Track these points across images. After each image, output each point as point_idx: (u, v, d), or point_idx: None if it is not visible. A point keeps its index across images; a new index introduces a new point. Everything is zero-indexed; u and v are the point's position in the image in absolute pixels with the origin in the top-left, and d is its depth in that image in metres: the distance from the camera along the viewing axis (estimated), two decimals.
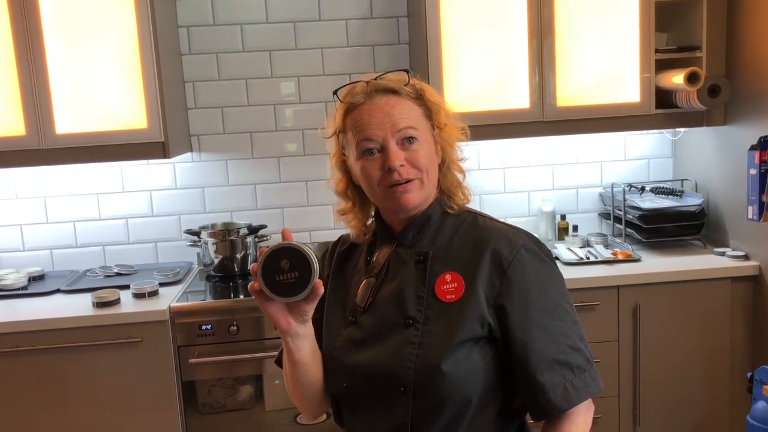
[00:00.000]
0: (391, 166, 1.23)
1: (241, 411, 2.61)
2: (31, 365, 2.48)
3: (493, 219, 1.33)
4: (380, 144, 1.24)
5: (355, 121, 1.26)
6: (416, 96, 1.28)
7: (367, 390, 1.27)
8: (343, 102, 1.29)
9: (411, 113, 1.26)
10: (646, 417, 2.68)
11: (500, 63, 2.71)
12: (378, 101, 1.25)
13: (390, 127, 1.23)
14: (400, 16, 3.06)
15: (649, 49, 2.72)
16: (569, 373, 1.22)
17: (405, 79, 1.28)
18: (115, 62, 2.61)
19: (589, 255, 2.82)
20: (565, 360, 1.22)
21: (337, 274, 1.41)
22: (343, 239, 1.47)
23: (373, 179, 1.26)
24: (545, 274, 1.26)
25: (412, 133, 1.24)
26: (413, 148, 1.25)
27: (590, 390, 1.23)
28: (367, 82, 1.27)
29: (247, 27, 3.02)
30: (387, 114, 1.24)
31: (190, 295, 2.68)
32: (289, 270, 1.14)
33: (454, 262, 1.26)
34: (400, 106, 1.25)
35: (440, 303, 1.23)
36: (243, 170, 3.10)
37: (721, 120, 2.79)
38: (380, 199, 1.29)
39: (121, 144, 2.65)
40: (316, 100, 3.08)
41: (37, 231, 3.04)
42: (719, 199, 2.88)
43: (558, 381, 1.21)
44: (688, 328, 2.65)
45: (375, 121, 1.24)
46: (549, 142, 3.13)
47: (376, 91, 1.26)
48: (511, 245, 1.25)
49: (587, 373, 1.24)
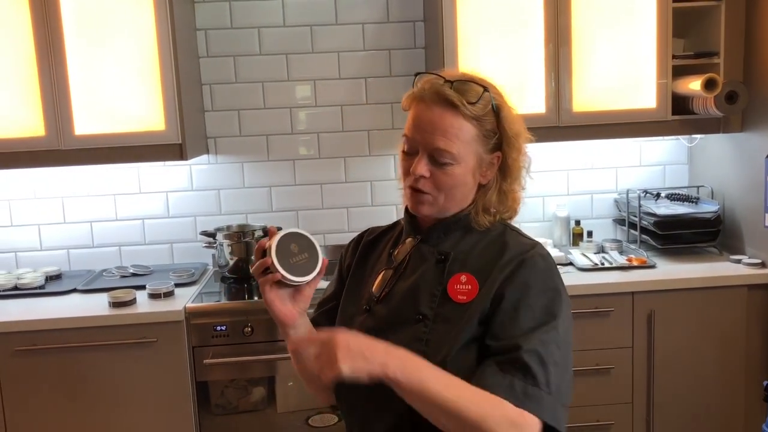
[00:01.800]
0: (414, 172, 1.25)
1: (253, 412, 2.62)
2: (47, 364, 2.50)
3: (520, 233, 1.33)
4: (415, 149, 1.26)
5: (411, 113, 1.28)
6: (482, 115, 1.25)
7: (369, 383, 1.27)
8: (413, 89, 1.29)
9: (458, 134, 1.23)
10: (660, 425, 2.66)
11: (516, 68, 2.71)
12: (434, 110, 1.23)
13: (429, 140, 1.23)
14: (416, 20, 3.07)
15: (667, 55, 2.71)
16: (521, 374, 1.13)
17: (473, 98, 1.23)
18: (134, 64, 2.63)
19: (603, 261, 2.81)
20: (518, 358, 1.14)
21: (360, 264, 1.43)
22: (370, 230, 1.48)
23: (402, 175, 1.29)
24: (551, 284, 1.23)
25: (444, 158, 1.23)
26: (443, 170, 1.24)
27: (533, 406, 1.12)
28: (441, 83, 1.25)
29: (264, 30, 3.04)
30: (433, 126, 1.23)
31: (205, 296, 2.69)
32: (299, 252, 1.20)
33: (473, 266, 1.26)
34: (449, 123, 1.22)
35: (451, 303, 1.24)
36: (258, 173, 3.12)
37: (738, 127, 2.77)
38: (404, 194, 1.31)
39: (138, 145, 2.68)
40: (331, 104, 3.09)
41: (55, 231, 3.07)
42: (735, 206, 2.86)
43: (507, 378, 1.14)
44: (703, 335, 2.63)
45: (420, 127, 1.25)
46: (564, 148, 3.12)
47: (438, 96, 1.23)
48: (523, 253, 1.25)
49: (540, 392, 1.13)
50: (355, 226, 3.12)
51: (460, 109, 1.23)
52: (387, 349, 1.11)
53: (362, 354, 1.08)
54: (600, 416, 2.65)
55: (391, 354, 1.11)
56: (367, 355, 1.08)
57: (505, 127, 1.29)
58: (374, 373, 1.09)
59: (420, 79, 1.29)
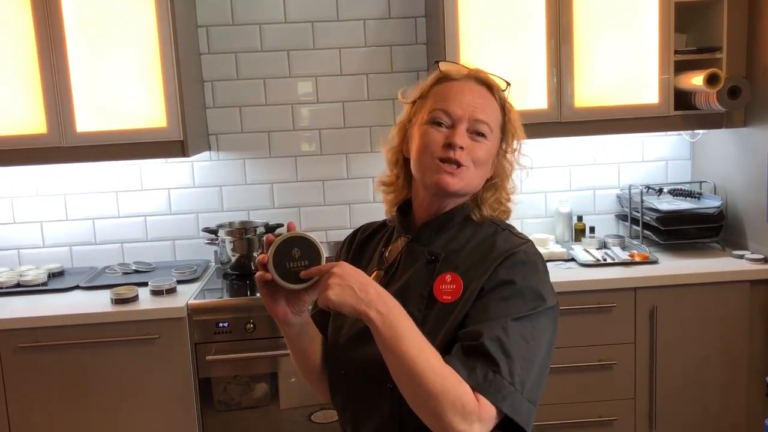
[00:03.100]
0: (453, 142, 1.23)
1: (256, 409, 2.62)
2: (50, 360, 2.51)
3: (512, 232, 1.31)
4: (453, 121, 1.25)
5: (442, 90, 1.28)
6: (502, 106, 1.30)
7: (362, 382, 1.27)
8: (441, 71, 1.30)
9: (493, 114, 1.28)
10: (663, 420, 2.66)
11: (518, 63, 2.71)
12: (472, 86, 1.28)
13: (471, 111, 1.25)
14: (417, 16, 3.06)
15: (669, 50, 2.70)
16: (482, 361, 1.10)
17: (502, 87, 1.30)
18: (136, 61, 2.63)
19: (605, 256, 2.81)
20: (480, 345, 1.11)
21: (353, 263, 1.40)
22: (364, 227, 1.48)
23: (430, 147, 1.25)
24: (530, 283, 1.20)
25: (485, 130, 1.26)
26: (479, 142, 1.25)
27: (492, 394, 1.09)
28: (470, 69, 1.30)
29: (265, 27, 3.04)
30: (474, 100, 1.26)
31: (208, 292, 2.70)
32: (300, 258, 1.16)
33: (460, 266, 1.25)
34: (487, 101, 1.27)
35: (437, 303, 1.23)
36: (260, 169, 3.12)
37: (741, 122, 2.77)
38: (424, 168, 1.26)
39: (140, 142, 2.68)
40: (333, 100, 3.09)
41: (57, 228, 3.08)
42: (738, 202, 2.85)
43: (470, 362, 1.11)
44: (705, 331, 2.63)
45: (461, 99, 1.25)
46: (566, 143, 3.12)
47: (474, 78, 1.29)
48: (514, 248, 1.23)
49: (501, 380, 1.10)
50: (357, 222, 3.09)
51: (495, 92, 1.29)
52: (378, 293, 1.11)
53: (352, 288, 1.09)
54: (602, 412, 2.65)
55: (380, 298, 1.11)
56: (356, 290, 1.09)
57: (512, 128, 1.31)
58: (357, 309, 1.09)
59: (444, 65, 1.31)
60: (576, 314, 2.55)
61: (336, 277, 1.10)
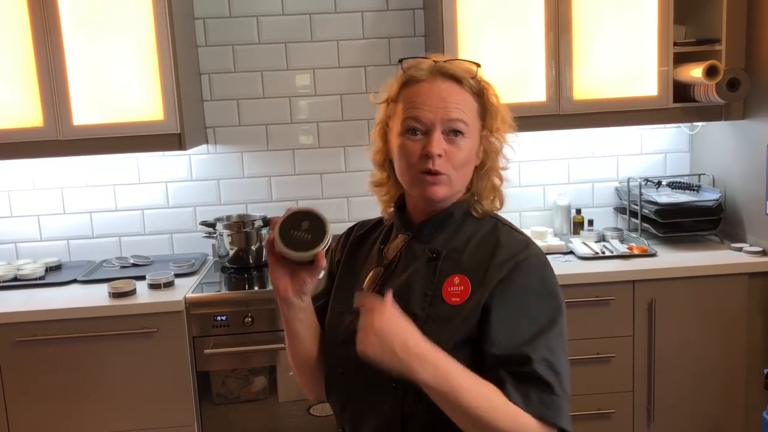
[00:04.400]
0: (430, 152, 1.20)
1: (254, 402, 2.62)
2: (47, 354, 2.51)
3: (512, 227, 1.31)
4: (427, 127, 1.22)
5: (410, 95, 1.25)
6: (477, 92, 1.26)
7: (361, 381, 1.26)
8: (405, 72, 1.27)
9: (467, 107, 1.24)
10: (661, 412, 2.66)
11: (517, 56, 2.70)
12: (439, 84, 1.23)
13: (442, 113, 1.21)
14: (415, 8, 3.05)
15: (668, 42, 2.69)
16: (535, 383, 1.13)
17: (472, 72, 1.25)
18: (132, 54, 2.62)
19: (604, 249, 2.80)
20: (533, 372, 1.14)
21: (349, 260, 1.40)
22: (360, 224, 1.46)
23: (409, 160, 1.23)
24: (542, 288, 1.21)
25: (460, 127, 1.22)
26: (456, 142, 1.22)
27: (550, 414, 1.13)
28: (434, 62, 1.25)
29: (263, 19, 3.02)
30: (443, 100, 1.22)
31: (206, 286, 2.69)
32: (306, 231, 1.20)
33: (465, 266, 1.24)
34: (458, 96, 1.23)
35: (445, 305, 1.21)
36: (258, 162, 3.11)
37: (740, 114, 2.76)
38: (409, 182, 1.26)
39: (137, 135, 2.67)
40: (331, 93, 3.08)
41: (54, 221, 3.07)
42: (737, 194, 2.85)
43: (524, 388, 1.14)
44: (704, 323, 2.63)
45: (429, 103, 1.22)
46: (565, 136, 3.11)
47: (440, 73, 1.24)
48: (515, 256, 1.22)
49: (557, 398, 1.14)
50: (355, 215, 3.12)
51: (464, 82, 1.24)
52: (420, 347, 1.09)
53: (393, 350, 1.07)
54: (601, 405, 2.65)
55: (424, 355, 1.08)
56: (398, 352, 1.07)
57: (494, 108, 1.28)
58: (402, 372, 1.08)
59: (407, 63, 1.27)
60: (574, 307, 2.55)
61: (375, 333, 1.07)
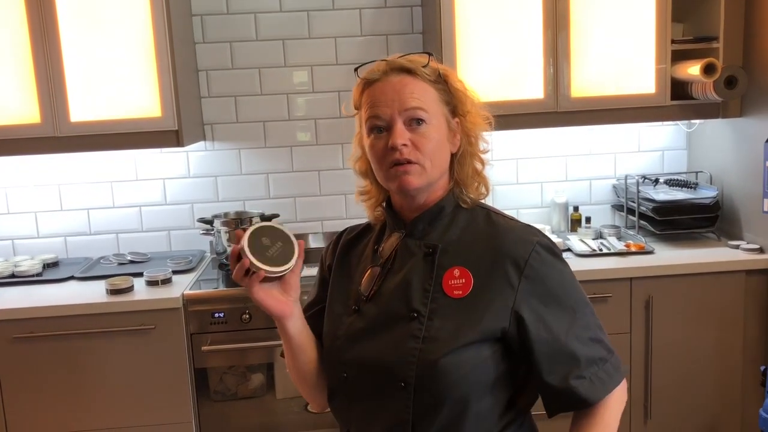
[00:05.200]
0: (393, 144, 1.21)
1: (252, 399, 2.62)
2: (45, 351, 2.51)
3: (505, 216, 1.31)
4: (387, 122, 1.23)
5: (368, 97, 1.26)
6: (435, 80, 1.26)
7: (367, 383, 1.25)
8: (361, 78, 1.28)
9: (424, 95, 1.24)
10: (658, 410, 2.67)
11: (514, 53, 2.70)
12: (392, 79, 1.24)
13: (398, 105, 1.22)
14: (413, 5, 3.04)
15: (666, 39, 2.69)
16: (593, 366, 1.21)
17: (424, 61, 1.26)
18: (130, 51, 2.61)
19: (601, 247, 2.81)
20: (588, 355, 1.21)
21: (342, 262, 1.40)
22: (349, 229, 1.45)
23: (378, 158, 1.24)
24: (561, 269, 1.26)
25: (420, 115, 1.22)
26: (420, 131, 1.22)
27: (614, 380, 1.23)
28: (386, 61, 1.26)
29: (260, 16, 3.02)
30: (398, 92, 1.22)
31: (203, 283, 2.69)
32: (272, 243, 1.21)
33: (464, 258, 1.24)
34: (412, 86, 1.23)
35: (447, 298, 1.21)
36: (256, 159, 3.11)
37: (738, 112, 2.76)
38: (384, 179, 1.27)
39: (134, 132, 2.66)
40: (329, 90, 3.08)
41: (52, 218, 3.07)
42: (734, 192, 2.86)
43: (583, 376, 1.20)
44: (701, 321, 2.64)
45: (385, 99, 1.23)
46: (563, 133, 3.12)
47: (392, 70, 1.24)
48: (525, 244, 1.23)
49: (609, 363, 1.23)
50: (354, 212, 3.12)
51: (417, 72, 1.24)
52: None
53: None
54: None
55: None
56: None
57: (458, 93, 1.29)
58: None
59: (362, 70, 1.29)
60: None
61: None
